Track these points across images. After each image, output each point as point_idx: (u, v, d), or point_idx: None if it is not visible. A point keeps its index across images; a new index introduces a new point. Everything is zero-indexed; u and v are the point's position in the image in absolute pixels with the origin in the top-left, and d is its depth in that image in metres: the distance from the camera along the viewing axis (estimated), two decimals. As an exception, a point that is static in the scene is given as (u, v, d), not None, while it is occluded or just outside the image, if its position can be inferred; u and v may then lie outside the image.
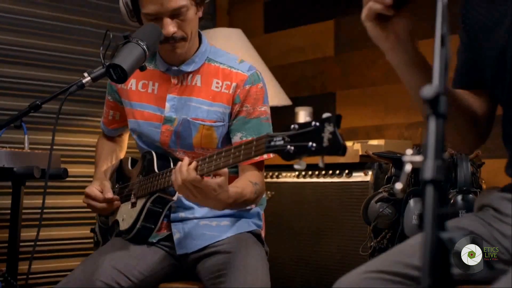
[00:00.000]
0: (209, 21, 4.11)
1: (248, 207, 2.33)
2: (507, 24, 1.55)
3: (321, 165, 1.56)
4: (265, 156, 2.20)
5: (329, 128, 1.53)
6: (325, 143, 1.53)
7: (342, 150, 1.52)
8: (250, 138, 2.19)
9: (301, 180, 3.27)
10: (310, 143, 1.56)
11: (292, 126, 1.62)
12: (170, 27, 2.17)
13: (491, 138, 1.73)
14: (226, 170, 1.94)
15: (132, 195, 2.30)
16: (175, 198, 2.23)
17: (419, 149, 2.65)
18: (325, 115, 1.55)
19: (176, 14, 2.17)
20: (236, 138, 2.27)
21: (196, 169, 1.93)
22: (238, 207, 2.22)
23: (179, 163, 1.98)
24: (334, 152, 1.53)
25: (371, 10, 1.42)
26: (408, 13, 1.44)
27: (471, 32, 1.67)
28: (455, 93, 1.65)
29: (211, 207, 2.08)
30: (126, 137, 2.64)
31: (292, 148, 1.60)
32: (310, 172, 3.22)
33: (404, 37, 1.46)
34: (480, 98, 1.70)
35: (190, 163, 1.95)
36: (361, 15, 1.45)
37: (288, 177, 3.34)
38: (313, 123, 1.57)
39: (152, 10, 2.16)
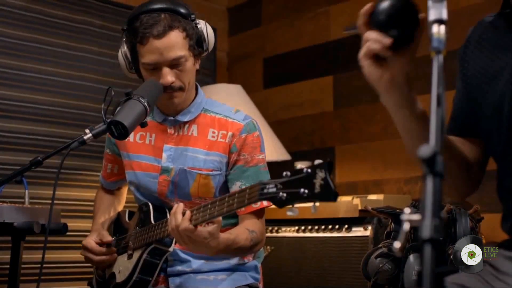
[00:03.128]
0: (209, 77, 4.15)
1: (246, 260, 2.33)
2: (505, 77, 1.56)
3: (313, 211, 1.58)
4: (265, 203, 2.21)
5: (320, 174, 1.55)
6: (317, 189, 1.55)
7: (334, 196, 1.53)
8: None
9: (301, 234, 3.27)
10: (302, 190, 1.57)
11: (285, 173, 1.63)
12: (169, 76, 2.19)
13: (489, 192, 1.74)
14: (219, 218, 1.95)
15: (129, 247, 2.30)
16: (171, 249, 2.22)
17: (418, 204, 2.66)
18: (317, 161, 1.57)
19: (175, 64, 2.20)
20: (235, 187, 2.27)
21: (190, 219, 1.95)
22: (233, 254, 2.22)
23: (174, 207, 2.00)
24: (325, 198, 1.55)
25: (369, 49, 1.43)
26: (406, 56, 1.45)
27: (469, 83, 1.68)
28: (448, 139, 1.65)
29: (201, 253, 2.10)
30: (125, 190, 2.65)
31: (285, 194, 1.61)
32: (309, 227, 3.22)
33: (400, 78, 1.47)
34: (473, 146, 1.70)
35: (184, 212, 1.97)
36: (359, 54, 1.47)
37: (287, 232, 3.34)
38: (305, 170, 1.59)
39: (152, 60, 2.19)
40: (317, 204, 1.62)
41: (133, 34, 2.21)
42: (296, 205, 1.64)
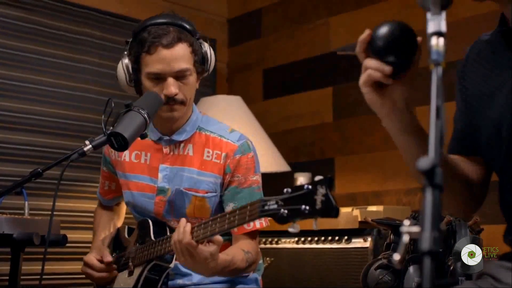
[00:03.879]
0: (209, 88, 4.16)
1: (245, 274, 2.33)
2: (504, 93, 1.56)
3: (315, 228, 1.58)
4: (257, 225, 2.21)
5: (321, 190, 1.55)
6: (318, 205, 1.55)
7: (335, 212, 1.53)
8: None
9: (300, 246, 3.26)
10: (303, 206, 1.57)
11: (285, 190, 1.63)
12: (173, 87, 2.20)
13: (490, 204, 1.74)
14: (220, 238, 1.95)
15: (129, 264, 2.30)
16: (172, 265, 2.22)
17: (418, 215, 2.66)
18: (317, 178, 1.57)
19: (180, 76, 2.21)
20: (229, 208, 2.27)
21: (191, 233, 1.94)
22: (228, 275, 2.22)
23: (181, 223, 1.99)
24: (327, 214, 1.54)
25: (370, 77, 1.44)
26: (406, 81, 1.46)
27: (468, 100, 1.69)
28: (450, 159, 1.66)
29: (198, 272, 2.09)
30: (123, 205, 2.65)
31: (286, 211, 1.61)
32: (309, 238, 3.22)
33: (400, 105, 1.48)
34: (475, 164, 1.70)
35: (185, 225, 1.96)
36: (359, 81, 1.47)
37: (287, 243, 3.34)
38: (306, 186, 1.58)
39: (158, 69, 2.19)
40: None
41: (140, 44, 2.21)
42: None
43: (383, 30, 1.41)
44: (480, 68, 1.67)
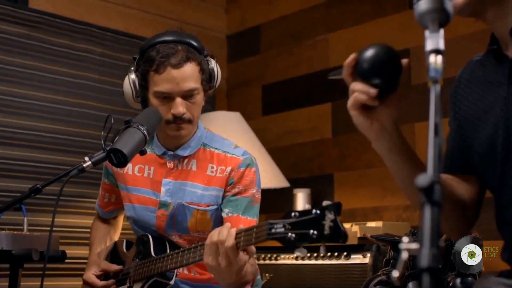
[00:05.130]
0: (208, 104, 4.15)
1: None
2: (497, 111, 1.57)
3: (322, 253, 1.58)
4: None
5: (330, 216, 1.56)
6: (326, 230, 1.56)
7: (344, 238, 1.54)
8: (235, 215, 2.20)
9: (299, 262, 3.26)
10: (312, 231, 1.58)
11: (293, 213, 1.64)
12: (181, 107, 2.21)
13: (488, 219, 1.74)
14: (254, 249, 1.88)
15: (128, 279, 2.29)
16: (172, 282, 2.22)
17: (417, 231, 2.66)
18: (325, 203, 1.58)
19: (189, 95, 2.22)
20: (223, 214, 2.28)
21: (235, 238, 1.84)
22: (237, 286, 2.19)
23: (226, 224, 1.90)
24: (335, 239, 1.56)
25: (356, 100, 1.46)
26: (392, 103, 1.48)
27: (461, 120, 1.70)
28: (442, 179, 1.67)
29: (219, 279, 2.01)
30: (121, 219, 2.65)
31: (293, 235, 1.61)
32: (308, 254, 3.21)
33: (388, 126, 1.50)
34: (468, 183, 1.71)
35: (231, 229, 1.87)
36: (347, 104, 1.49)
37: (286, 259, 3.33)
38: (314, 211, 1.59)
39: (166, 89, 2.20)
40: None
41: (148, 62, 2.22)
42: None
43: (368, 53, 1.43)
44: (472, 88, 1.68)
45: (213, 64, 2.31)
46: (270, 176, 3.68)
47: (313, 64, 4.09)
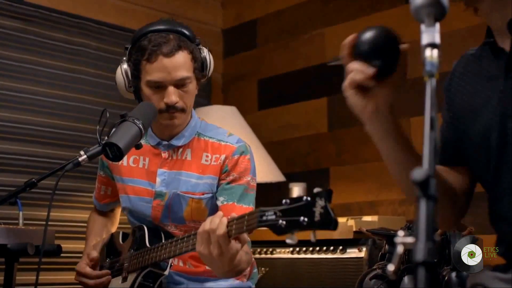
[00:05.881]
0: (204, 98, 4.16)
1: (240, 281, 2.32)
2: (492, 105, 1.57)
3: (312, 240, 1.57)
4: None
5: (320, 203, 1.55)
6: (317, 217, 1.55)
7: (334, 225, 1.54)
8: (230, 203, 2.20)
9: (295, 256, 3.26)
10: (302, 218, 1.57)
11: (284, 201, 1.63)
12: (173, 96, 2.21)
13: (483, 214, 1.74)
14: (247, 237, 1.88)
15: (123, 270, 2.30)
16: (166, 272, 2.22)
17: (412, 226, 2.66)
18: (316, 190, 1.57)
19: (181, 84, 2.22)
20: (218, 202, 2.28)
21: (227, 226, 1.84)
22: (234, 275, 2.17)
23: (217, 213, 1.88)
24: (325, 226, 1.55)
25: (353, 79, 1.46)
26: (389, 85, 1.47)
27: (456, 114, 1.70)
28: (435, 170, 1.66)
29: (213, 268, 2.01)
30: (118, 212, 2.65)
31: (284, 222, 1.61)
32: (304, 248, 3.22)
33: (383, 108, 1.49)
34: (459, 175, 1.71)
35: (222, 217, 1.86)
36: (343, 84, 1.48)
37: (281, 253, 3.33)
38: (305, 198, 1.59)
39: (159, 78, 2.20)
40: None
41: (139, 51, 2.22)
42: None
43: (368, 34, 1.44)
44: (467, 81, 1.68)
45: (205, 52, 2.31)
46: (266, 170, 3.68)
47: (310, 58, 4.09)
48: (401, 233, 1.02)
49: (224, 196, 2.27)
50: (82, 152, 2.05)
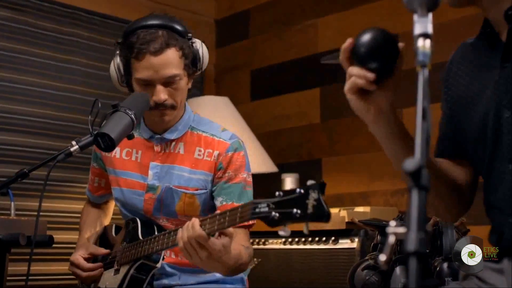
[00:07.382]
0: (196, 89, 4.16)
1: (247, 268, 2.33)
2: (488, 94, 1.58)
3: (305, 231, 1.58)
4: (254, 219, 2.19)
5: (313, 195, 1.55)
6: (310, 209, 1.55)
7: (327, 217, 1.54)
8: (230, 203, 2.20)
9: (288, 247, 3.27)
10: (295, 210, 1.57)
11: (277, 193, 1.64)
12: (162, 94, 2.19)
13: (475, 205, 1.75)
14: (232, 230, 1.90)
15: (115, 262, 2.29)
16: (159, 265, 2.22)
17: (404, 216, 2.67)
18: (310, 182, 1.58)
19: (169, 82, 2.20)
20: (217, 203, 2.27)
21: (200, 226, 1.88)
22: (236, 272, 2.18)
23: (187, 222, 1.92)
24: (318, 218, 1.55)
25: (354, 84, 1.46)
26: (390, 87, 1.47)
27: (453, 104, 1.70)
28: (437, 163, 1.67)
29: (212, 269, 2.03)
30: (112, 204, 2.64)
31: (277, 214, 1.61)
32: (296, 239, 3.22)
33: (385, 109, 1.50)
34: (462, 167, 1.72)
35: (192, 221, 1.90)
36: (344, 88, 1.49)
37: (274, 244, 3.34)
38: (298, 190, 1.59)
39: (146, 76, 2.18)
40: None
41: (128, 49, 2.20)
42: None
43: (365, 37, 1.43)
44: (464, 71, 1.68)
45: (198, 46, 2.28)
46: (259, 161, 3.68)
47: (302, 49, 4.08)
48: (393, 223, 1.02)
49: (222, 196, 2.26)
50: (74, 142, 2.04)
